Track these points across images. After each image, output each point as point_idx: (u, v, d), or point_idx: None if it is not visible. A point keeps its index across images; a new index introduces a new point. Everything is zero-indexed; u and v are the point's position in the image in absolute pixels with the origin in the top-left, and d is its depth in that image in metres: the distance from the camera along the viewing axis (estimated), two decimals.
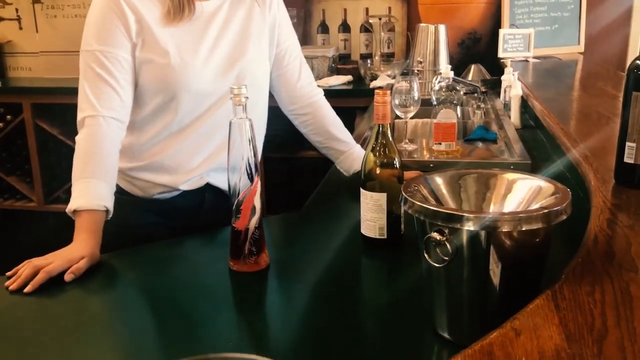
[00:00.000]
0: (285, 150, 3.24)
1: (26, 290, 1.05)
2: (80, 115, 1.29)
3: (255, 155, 1.08)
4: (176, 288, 1.07)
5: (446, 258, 0.78)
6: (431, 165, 1.69)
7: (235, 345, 0.88)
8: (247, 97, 1.06)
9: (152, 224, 1.46)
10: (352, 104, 2.96)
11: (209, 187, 1.45)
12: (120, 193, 1.28)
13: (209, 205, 1.47)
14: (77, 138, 1.28)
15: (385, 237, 1.16)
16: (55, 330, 0.95)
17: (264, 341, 0.92)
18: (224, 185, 1.45)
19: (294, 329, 0.93)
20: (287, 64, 1.53)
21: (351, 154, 1.55)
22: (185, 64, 1.34)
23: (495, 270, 0.78)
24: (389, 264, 1.16)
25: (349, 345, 0.87)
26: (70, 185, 1.24)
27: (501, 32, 3.02)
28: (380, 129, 1.15)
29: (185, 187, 1.43)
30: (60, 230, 1.25)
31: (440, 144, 1.78)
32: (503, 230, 0.74)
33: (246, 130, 1.06)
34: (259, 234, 1.09)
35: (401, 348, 0.86)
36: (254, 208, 1.08)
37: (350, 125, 1.64)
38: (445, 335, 0.84)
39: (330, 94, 1.62)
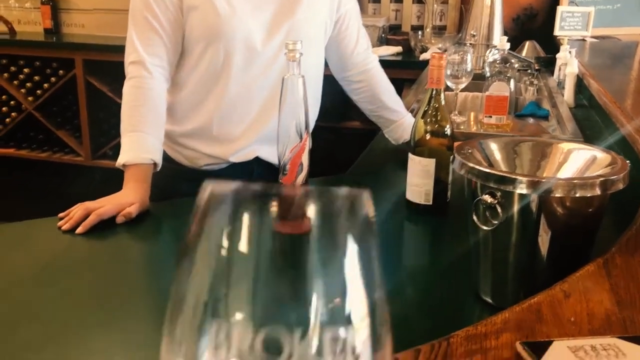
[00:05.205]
0: (329, 119, 3.23)
1: (78, 231, 1.08)
2: (126, 61, 1.30)
3: (306, 113, 1.08)
4: None
5: (495, 222, 0.77)
6: None
7: None
8: (302, 54, 1.05)
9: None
10: (400, 75, 2.92)
11: (257, 161, 1.44)
12: (167, 161, 1.28)
13: (257, 179, 1.46)
14: (123, 90, 1.29)
15: (430, 203, 1.15)
16: (103, 272, 0.98)
17: None
18: (273, 159, 1.45)
19: None
20: (345, 29, 1.48)
21: (402, 123, 1.53)
22: (233, 11, 1.30)
23: (544, 237, 0.77)
24: (432, 229, 1.15)
25: (391, 306, 0.87)
26: (117, 142, 1.25)
27: (559, 9, 2.92)
28: (434, 93, 1.14)
29: (234, 159, 1.42)
30: (106, 185, 1.26)
31: (491, 117, 1.75)
32: (556, 195, 0.73)
33: (299, 88, 1.06)
34: None
35: (444, 310, 0.86)
36: (301, 165, 1.09)
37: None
38: (489, 299, 0.84)
39: None
